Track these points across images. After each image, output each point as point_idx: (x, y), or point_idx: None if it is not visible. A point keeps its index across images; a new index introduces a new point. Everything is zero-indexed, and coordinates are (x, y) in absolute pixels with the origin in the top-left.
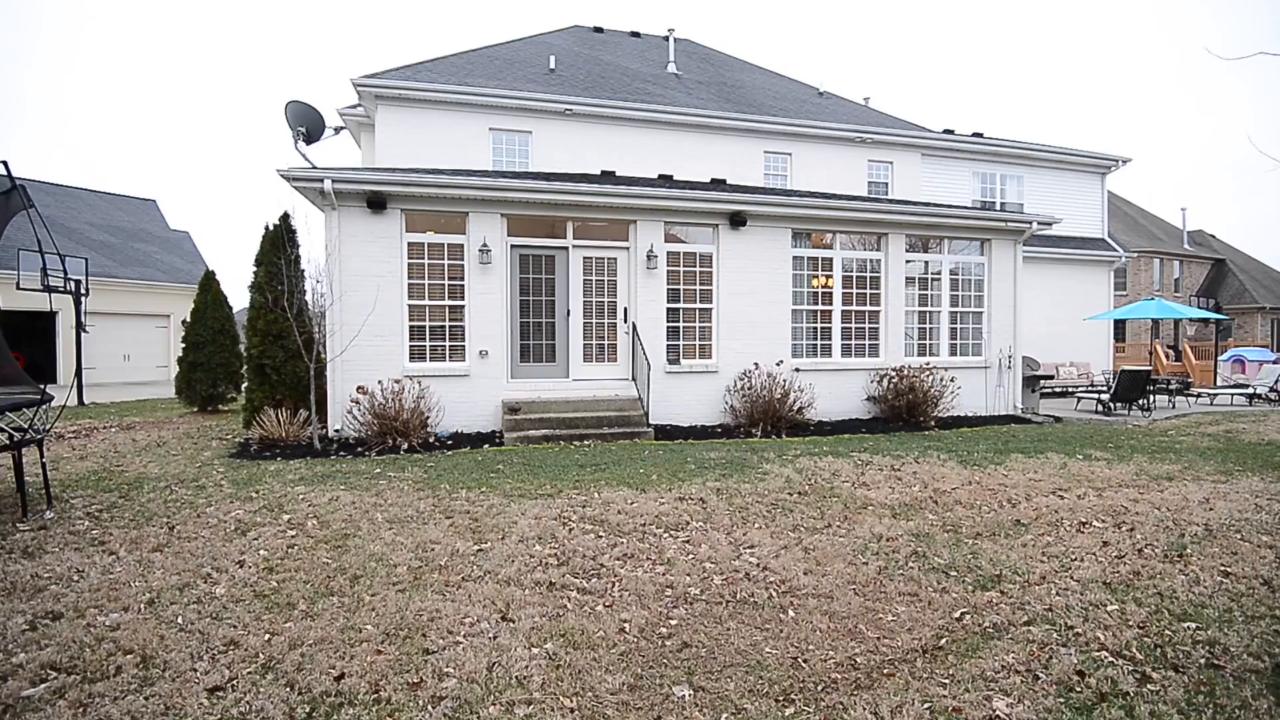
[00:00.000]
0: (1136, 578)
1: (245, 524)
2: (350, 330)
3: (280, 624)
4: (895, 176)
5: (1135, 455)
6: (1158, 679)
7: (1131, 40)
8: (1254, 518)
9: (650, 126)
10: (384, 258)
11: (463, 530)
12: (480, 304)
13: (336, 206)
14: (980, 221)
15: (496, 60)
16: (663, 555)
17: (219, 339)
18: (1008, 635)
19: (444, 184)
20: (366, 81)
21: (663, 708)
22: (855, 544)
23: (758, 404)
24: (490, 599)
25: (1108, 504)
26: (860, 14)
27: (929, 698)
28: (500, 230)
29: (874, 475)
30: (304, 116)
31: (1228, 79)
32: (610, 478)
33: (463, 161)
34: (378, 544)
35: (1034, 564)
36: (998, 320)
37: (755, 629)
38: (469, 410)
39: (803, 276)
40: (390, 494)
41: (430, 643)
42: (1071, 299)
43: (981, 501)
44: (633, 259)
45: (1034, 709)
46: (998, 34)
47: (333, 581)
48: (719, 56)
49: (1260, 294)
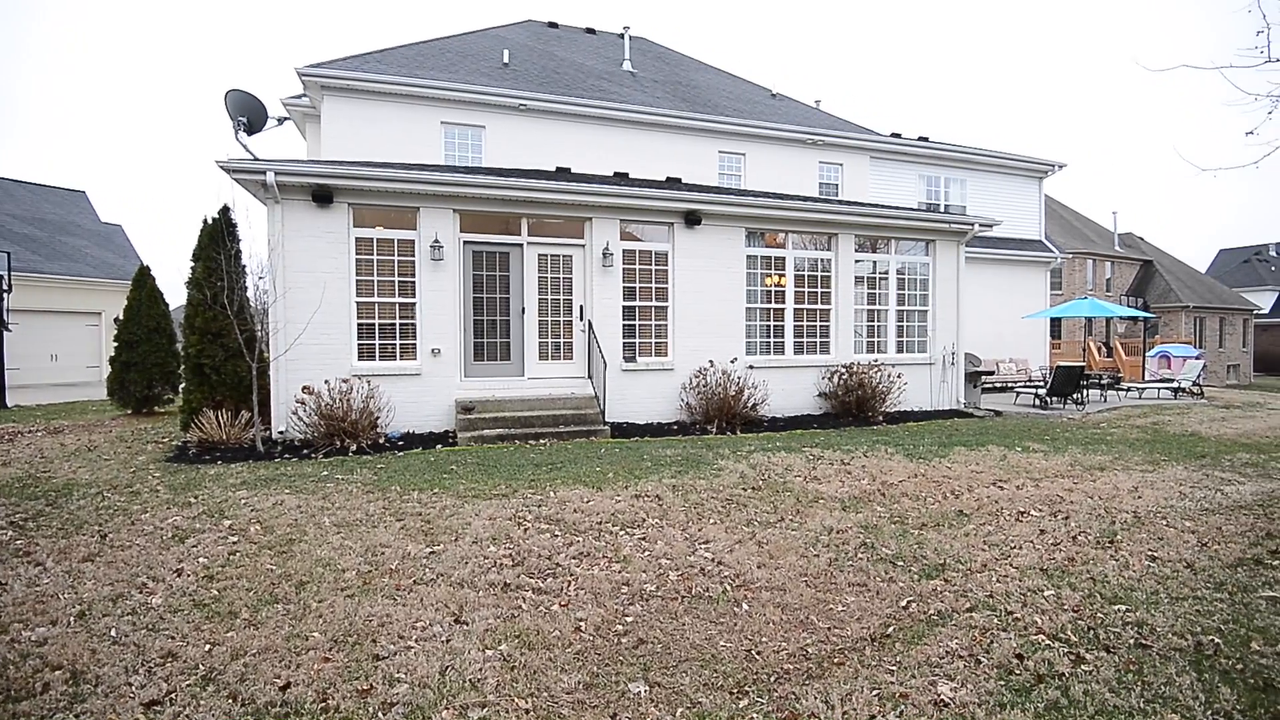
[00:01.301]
0: (1071, 564)
1: (183, 531)
2: (295, 328)
3: (222, 634)
4: (845, 178)
5: (1070, 447)
6: (1091, 659)
7: (1067, 51)
8: (1178, 505)
9: (606, 124)
10: (331, 253)
11: (414, 533)
12: (432, 301)
13: (280, 200)
14: (925, 223)
15: (448, 53)
16: (619, 553)
17: (154, 337)
18: (951, 622)
19: (394, 178)
20: (312, 71)
21: (619, 705)
22: (807, 537)
23: (713, 401)
24: (443, 602)
25: (1044, 494)
26: (809, 19)
27: (877, 684)
28: (453, 226)
29: (825, 469)
30: (245, 106)
31: (1155, 90)
32: (566, 476)
33: (413, 155)
34: (325, 549)
35: (976, 552)
36: (942, 318)
37: (710, 623)
38: (421, 410)
39: (756, 275)
40: (338, 497)
41: (380, 648)
42: (1011, 298)
43: (927, 493)
44: (588, 257)
45: (976, 692)
46: (943, 42)
47: (277, 588)
48: (674, 56)
49: (1184, 294)
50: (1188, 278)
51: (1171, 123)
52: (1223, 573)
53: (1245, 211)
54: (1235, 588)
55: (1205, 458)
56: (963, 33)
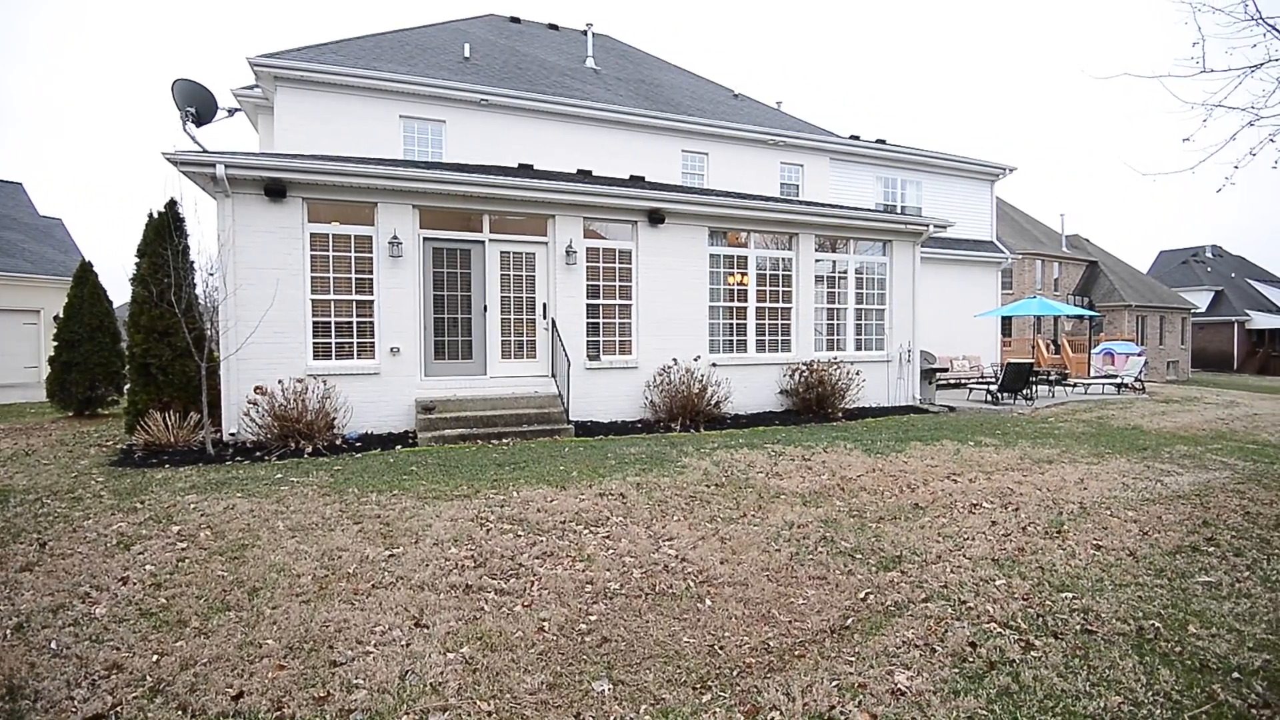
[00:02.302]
0: (1021, 553)
1: (129, 537)
2: (247, 326)
3: (170, 643)
4: (806, 179)
5: (1020, 441)
6: (1040, 646)
7: (1017, 58)
8: (1121, 495)
9: (569, 121)
10: (284, 249)
11: (373, 536)
12: (391, 299)
13: (231, 194)
14: (883, 224)
15: (407, 45)
16: (582, 552)
17: (97, 336)
18: (908, 612)
19: (351, 172)
20: (265, 61)
21: (582, 704)
22: (769, 532)
23: (677, 399)
24: (403, 605)
25: (996, 486)
26: (770, 21)
27: (837, 675)
28: (412, 222)
29: (786, 465)
30: (193, 96)
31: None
32: (530, 476)
33: (371, 150)
34: (279, 553)
35: (931, 544)
36: (898, 317)
37: (674, 620)
38: (380, 410)
39: (719, 274)
40: (293, 500)
41: (338, 654)
42: (964, 297)
43: (884, 487)
44: (552, 254)
45: (931, 680)
46: (900, 48)
47: (229, 595)
48: (637, 54)
49: (1127, 293)
50: (1130, 278)
51: (1116, 129)
52: (1162, 560)
53: (1184, 215)
54: (1174, 574)
55: (1146, 450)
56: (918, 39)
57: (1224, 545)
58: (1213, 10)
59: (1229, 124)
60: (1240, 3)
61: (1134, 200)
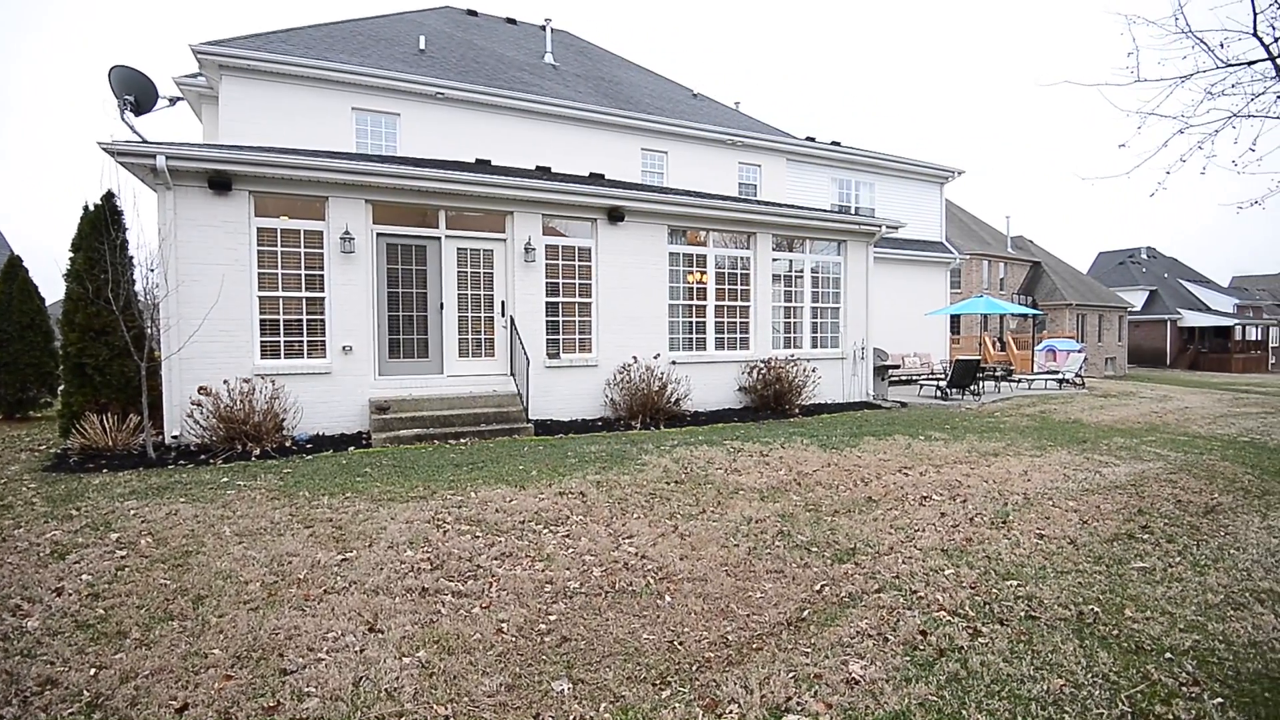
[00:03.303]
0: (969, 544)
1: (64, 546)
2: (190, 324)
3: (109, 656)
4: (763, 179)
5: (967, 435)
6: (986, 632)
7: (967, 65)
8: (1063, 486)
9: (527, 117)
10: (230, 244)
11: (324, 540)
12: (343, 296)
13: (172, 186)
14: (838, 224)
15: (360, 36)
16: (542, 551)
17: (27, 335)
18: (861, 603)
19: (300, 165)
20: (209, 49)
21: (541, 705)
22: (727, 527)
23: (637, 397)
24: (356, 610)
25: (945, 479)
26: (726, 24)
27: (793, 667)
28: (365, 217)
29: (745, 461)
30: (132, 83)
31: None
32: (488, 476)
33: (322, 142)
34: (225, 560)
35: (883, 536)
36: (852, 315)
37: (633, 617)
38: (331, 411)
39: (679, 272)
40: (240, 505)
41: (288, 662)
42: (915, 296)
43: (839, 481)
44: (510, 251)
45: (884, 669)
46: (854, 52)
47: (172, 604)
48: (596, 51)
49: (1069, 292)
50: (1071, 278)
51: (1059, 134)
52: (1101, 547)
53: (1122, 217)
54: (1111, 561)
55: (1086, 443)
56: (872, 43)
57: (1157, 532)
58: (1147, 23)
59: (1162, 131)
60: (1172, 16)
61: (1075, 203)
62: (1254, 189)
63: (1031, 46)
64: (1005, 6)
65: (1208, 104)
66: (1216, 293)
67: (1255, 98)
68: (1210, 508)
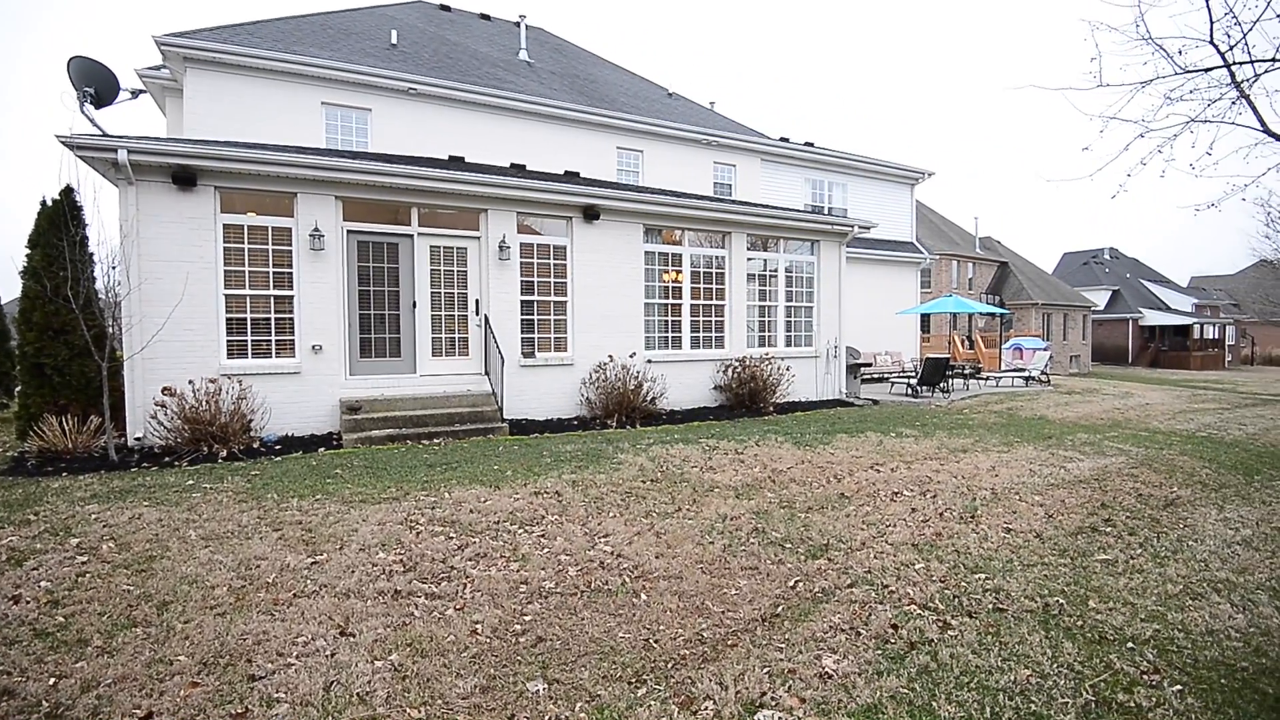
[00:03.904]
0: (939, 538)
1: (21, 552)
2: (153, 323)
3: (70, 664)
4: (738, 178)
5: (937, 431)
6: (956, 625)
7: (938, 66)
8: (1029, 481)
9: (502, 114)
10: (195, 241)
11: (294, 542)
12: (312, 294)
13: (134, 181)
14: (811, 224)
15: (331, 29)
16: (517, 551)
17: None
18: (834, 598)
19: (268, 160)
20: (173, 41)
21: (516, 706)
22: (703, 525)
23: (612, 395)
24: (327, 614)
25: (915, 475)
26: (700, 25)
27: (767, 662)
28: (335, 214)
29: (720, 459)
30: (92, 75)
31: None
32: (462, 476)
33: (291, 138)
34: (191, 564)
35: (856, 532)
36: (825, 314)
37: (609, 615)
38: (301, 411)
39: (654, 271)
40: (206, 508)
41: (257, 668)
42: (887, 295)
43: (812, 478)
44: (484, 249)
45: (856, 662)
46: (827, 55)
47: (135, 611)
48: (571, 48)
49: (1035, 292)
50: (1037, 278)
51: (1026, 137)
52: (1066, 540)
53: (1087, 218)
54: (1076, 553)
55: (1051, 439)
56: (846, 46)
57: (1120, 525)
58: (1110, 29)
59: (1124, 135)
60: (1134, 23)
61: (1041, 204)
62: (1211, 192)
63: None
64: (975, 12)
65: (1167, 109)
66: (1176, 292)
67: (1212, 103)
68: (1170, 501)
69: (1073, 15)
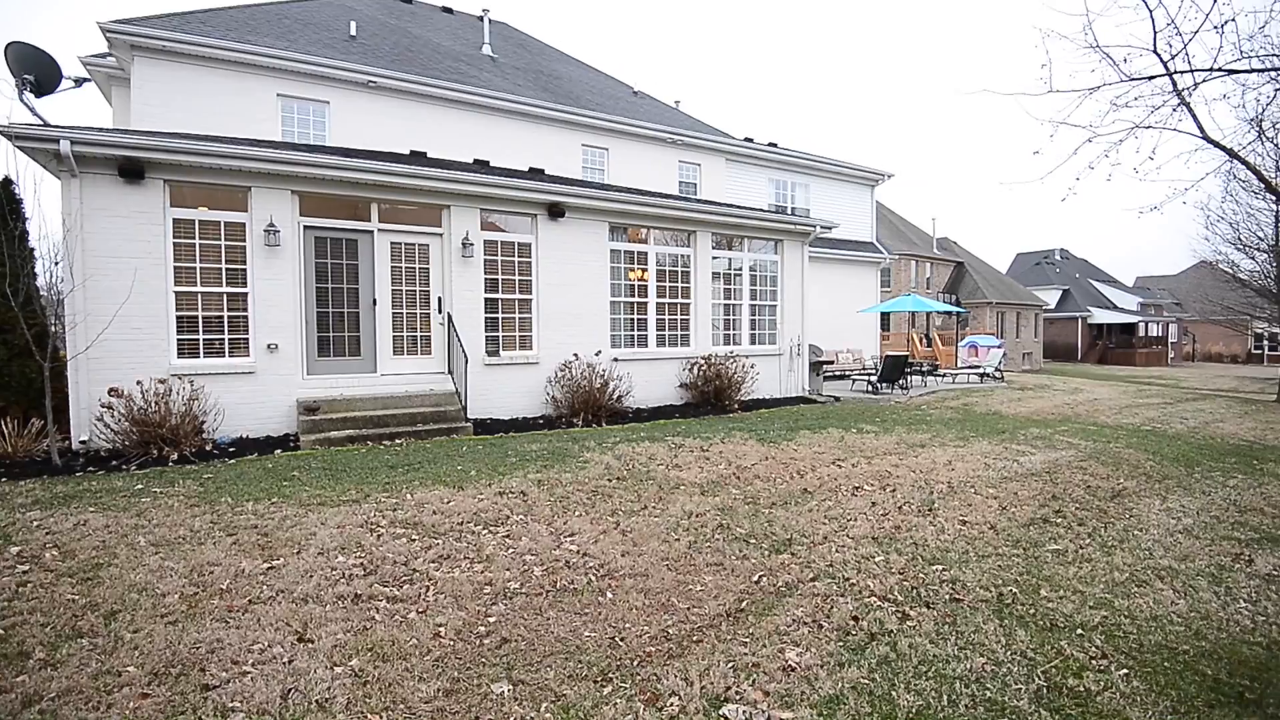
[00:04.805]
0: (898, 531)
1: None
2: (99, 321)
3: (10, 678)
4: (703, 178)
5: (896, 427)
6: (914, 616)
7: (896, 70)
8: (984, 474)
9: (465, 109)
10: (143, 236)
11: (249, 548)
12: (267, 291)
13: (79, 173)
14: (775, 224)
15: (287, 19)
16: (481, 553)
17: None
18: (798, 592)
19: (220, 153)
20: (120, 28)
21: (480, 708)
22: (669, 522)
23: (579, 394)
24: (284, 620)
25: (875, 470)
26: (666, 22)
27: (732, 657)
28: (291, 209)
29: (686, 457)
30: (32, 62)
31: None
32: (425, 477)
33: (245, 130)
34: (140, 572)
35: (818, 526)
36: (789, 312)
37: (575, 615)
38: (257, 412)
39: (620, 269)
40: (156, 513)
41: (211, 677)
42: (848, 294)
43: (776, 474)
44: (447, 246)
45: (819, 655)
46: (790, 54)
47: (81, 620)
48: (536, 44)
49: (989, 291)
50: (992, 277)
51: (981, 140)
52: (1018, 531)
53: (1038, 220)
54: (1028, 544)
55: (1005, 433)
56: (807, 46)
57: (1069, 516)
58: (1060, 37)
59: (1073, 140)
60: (1082, 31)
61: (995, 206)
62: (1154, 195)
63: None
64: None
65: (1113, 115)
66: (1123, 292)
67: (1155, 110)
68: (1116, 492)
69: (1026, 22)
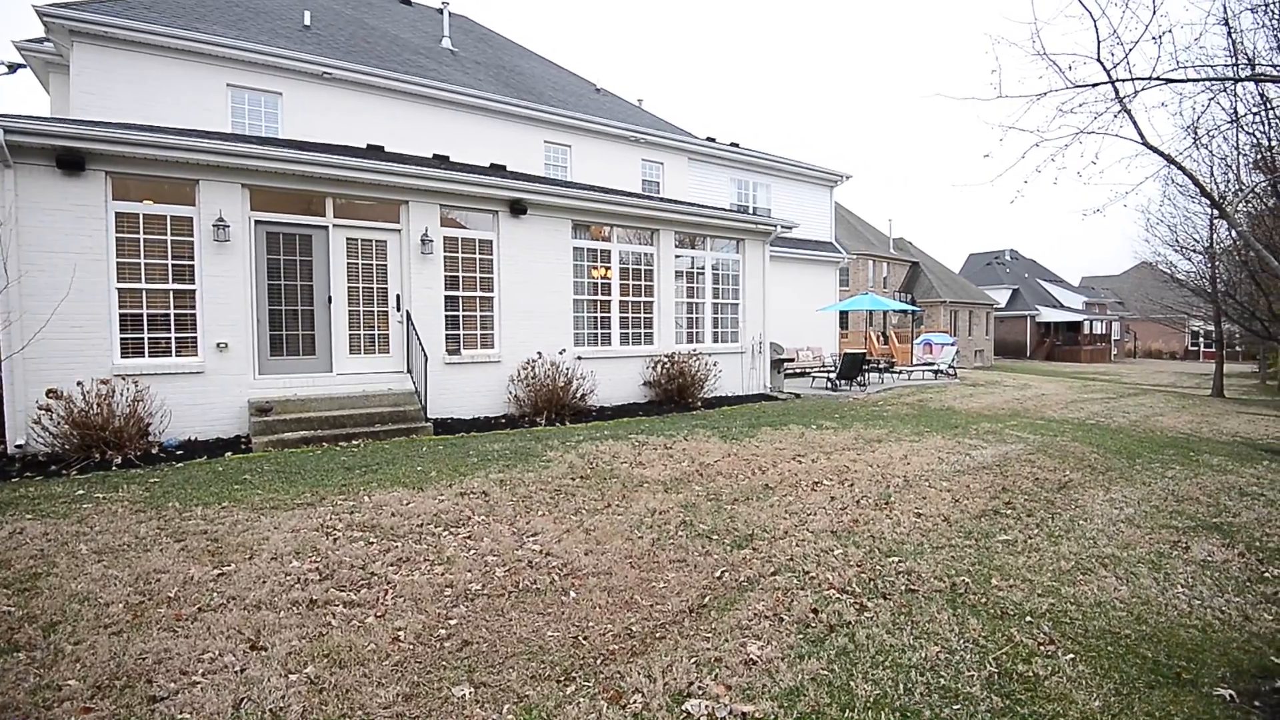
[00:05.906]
0: (856, 525)
1: None
2: (36, 320)
3: None
4: (666, 176)
5: (855, 423)
6: (872, 607)
7: (854, 74)
8: (938, 468)
9: (424, 103)
10: (83, 230)
11: (198, 554)
12: (216, 288)
13: (12, 164)
14: (738, 223)
15: (238, 7)
16: (442, 554)
17: None
18: (759, 586)
19: (166, 144)
20: (57, 12)
21: (441, 712)
22: (632, 520)
23: (542, 393)
24: (235, 628)
25: (834, 465)
26: (629, 20)
27: (695, 652)
28: (242, 204)
29: (649, 454)
30: None
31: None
32: (383, 478)
33: (193, 121)
34: (82, 581)
35: (779, 521)
36: (751, 311)
37: (537, 615)
38: (206, 414)
39: (583, 267)
40: (98, 519)
41: (158, 689)
42: (808, 293)
43: (738, 471)
44: (406, 243)
45: (780, 648)
46: (751, 55)
47: (17, 634)
48: (497, 39)
49: (943, 290)
50: (946, 277)
51: (935, 142)
52: (970, 523)
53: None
54: (980, 535)
55: (958, 428)
56: (770, 51)
57: (1019, 508)
58: (1010, 44)
59: (1022, 144)
60: (1030, 39)
61: (948, 207)
62: (1097, 198)
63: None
64: (891, 22)
65: (1059, 120)
66: (1069, 291)
67: (1098, 116)
68: (1063, 484)
69: (977, 29)
